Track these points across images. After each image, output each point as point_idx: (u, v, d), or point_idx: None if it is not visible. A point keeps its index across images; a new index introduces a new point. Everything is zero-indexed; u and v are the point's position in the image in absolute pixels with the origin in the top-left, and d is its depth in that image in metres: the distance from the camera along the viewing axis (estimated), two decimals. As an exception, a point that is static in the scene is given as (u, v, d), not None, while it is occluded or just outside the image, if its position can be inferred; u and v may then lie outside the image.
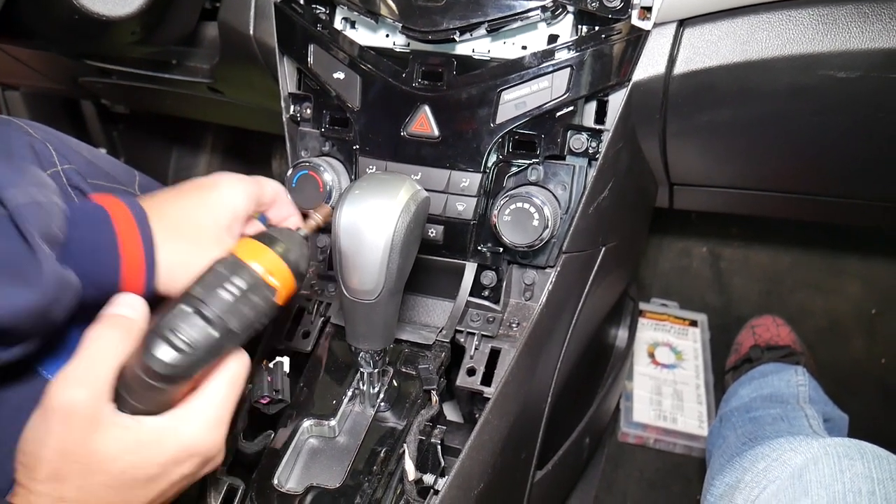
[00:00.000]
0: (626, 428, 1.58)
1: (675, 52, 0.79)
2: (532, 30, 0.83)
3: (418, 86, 0.84)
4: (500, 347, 0.84)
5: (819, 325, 1.77)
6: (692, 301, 1.85)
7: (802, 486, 0.78)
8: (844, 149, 0.93)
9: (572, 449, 1.11)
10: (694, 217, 1.94)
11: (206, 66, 1.20)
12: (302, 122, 0.94)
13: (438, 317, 0.89)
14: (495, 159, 0.84)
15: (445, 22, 0.80)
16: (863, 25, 0.74)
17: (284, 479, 0.73)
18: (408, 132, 0.85)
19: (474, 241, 0.87)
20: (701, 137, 0.92)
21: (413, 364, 0.83)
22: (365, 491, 0.70)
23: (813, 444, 0.82)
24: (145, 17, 0.95)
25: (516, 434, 0.83)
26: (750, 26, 0.77)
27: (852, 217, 1.29)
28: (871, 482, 0.74)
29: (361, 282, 0.67)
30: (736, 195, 1.14)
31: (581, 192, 0.84)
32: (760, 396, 1.24)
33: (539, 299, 0.86)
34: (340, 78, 0.87)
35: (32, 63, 1.44)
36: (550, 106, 0.80)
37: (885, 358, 1.71)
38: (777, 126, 0.89)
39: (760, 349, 1.55)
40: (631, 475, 1.55)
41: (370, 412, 0.79)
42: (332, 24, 0.89)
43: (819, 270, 1.84)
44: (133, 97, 1.58)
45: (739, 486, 0.89)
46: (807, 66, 0.77)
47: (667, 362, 1.70)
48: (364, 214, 0.65)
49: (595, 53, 0.79)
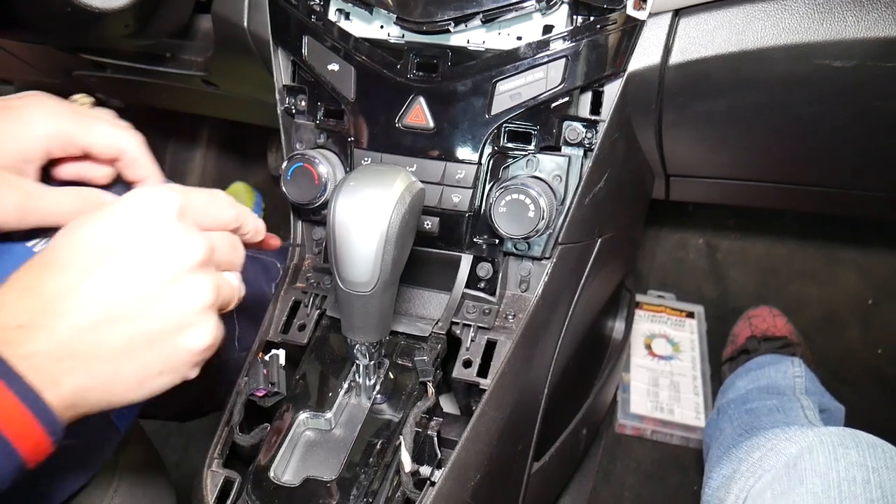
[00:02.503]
0: (624, 419, 1.58)
1: (670, 42, 0.79)
2: (527, 20, 0.83)
3: (413, 77, 0.84)
4: (497, 339, 0.84)
5: (815, 315, 1.77)
6: (689, 292, 1.86)
7: (798, 474, 0.78)
8: (840, 138, 0.93)
9: (569, 440, 1.11)
10: (690, 208, 1.94)
11: (200, 59, 1.20)
12: (297, 115, 0.93)
13: (434, 309, 0.89)
14: (491, 150, 0.84)
15: (440, 13, 0.79)
16: (858, 14, 0.73)
17: (281, 471, 0.73)
18: (403, 124, 0.85)
19: (470, 232, 0.87)
20: (697, 128, 0.92)
21: (409, 356, 0.83)
22: (361, 483, 0.70)
23: (808, 433, 0.83)
24: (138, 10, 0.94)
25: (513, 425, 0.83)
26: (745, 16, 0.77)
27: (848, 207, 1.29)
28: (866, 470, 0.75)
29: (357, 274, 0.66)
30: (732, 186, 1.14)
31: (577, 183, 0.84)
32: (757, 388, 1.25)
33: (535, 291, 0.86)
34: (335, 70, 0.87)
35: (26, 57, 1.43)
36: (546, 97, 0.80)
37: (881, 348, 1.72)
38: (773, 116, 0.89)
39: (757, 340, 1.55)
40: (628, 466, 1.55)
41: (366, 404, 0.79)
42: (327, 16, 0.89)
43: (815, 261, 1.85)
44: (127, 91, 1.57)
45: (735, 477, 0.89)
46: (802, 56, 0.77)
47: (664, 354, 1.71)
48: (359, 206, 0.65)
49: (590, 44, 0.78)
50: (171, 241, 0.52)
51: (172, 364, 0.52)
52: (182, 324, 0.52)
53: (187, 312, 0.52)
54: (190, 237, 0.53)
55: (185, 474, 1.57)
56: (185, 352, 0.53)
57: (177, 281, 0.51)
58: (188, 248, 0.52)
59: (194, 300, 0.52)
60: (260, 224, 0.67)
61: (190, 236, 0.53)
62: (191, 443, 1.72)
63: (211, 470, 0.78)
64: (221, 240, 0.58)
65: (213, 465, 0.78)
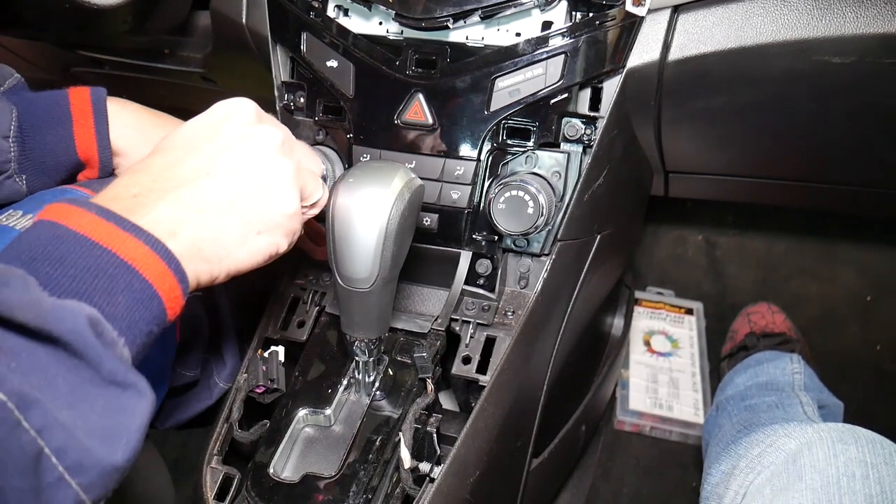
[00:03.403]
0: (623, 416, 1.58)
1: (669, 38, 0.79)
2: (526, 16, 0.83)
3: (412, 73, 0.84)
4: (496, 336, 0.84)
5: (814, 312, 1.77)
6: (688, 289, 1.86)
7: (797, 470, 0.78)
8: (839, 135, 0.93)
9: (568, 437, 1.11)
10: (689, 205, 1.94)
11: (198, 56, 1.20)
12: (295, 111, 0.93)
13: (433, 305, 0.89)
14: (490, 147, 0.84)
15: (439, 9, 0.79)
16: (857, 10, 0.73)
17: (280, 468, 0.73)
18: (402, 120, 0.84)
19: (469, 229, 0.87)
20: (696, 124, 0.92)
21: (408, 353, 0.83)
22: (361, 479, 0.71)
23: (807, 429, 0.83)
24: (137, 6, 0.94)
25: (512, 422, 0.83)
26: (745, 12, 0.77)
27: (847, 204, 1.29)
28: (865, 466, 0.75)
29: (356, 270, 0.66)
30: (731, 183, 1.14)
31: (576, 179, 0.84)
32: (756, 384, 1.25)
33: (534, 287, 0.86)
34: (334, 66, 0.87)
35: (23, 53, 1.43)
36: (545, 93, 0.80)
37: (879, 344, 1.72)
38: (772, 112, 0.89)
39: (756, 336, 1.55)
40: (627, 463, 1.55)
41: (365, 401, 0.79)
42: (325, 12, 0.89)
43: (814, 258, 1.85)
44: (126, 87, 1.56)
45: (735, 473, 0.89)
46: (801, 52, 0.77)
47: (663, 350, 1.71)
48: (358, 202, 0.65)
49: (589, 40, 0.78)
50: (255, 127, 0.63)
51: (267, 223, 0.61)
52: (272, 188, 0.61)
53: (275, 179, 0.61)
54: (270, 126, 0.63)
55: (184, 471, 1.57)
56: (278, 213, 0.61)
57: (265, 156, 0.61)
58: (270, 132, 0.63)
59: (280, 172, 0.62)
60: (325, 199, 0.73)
61: (270, 126, 0.63)
62: (190, 439, 1.72)
63: (210, 466, 0.78)
64: (305, 156, 0.70)
65: (212, 462, 0.78)
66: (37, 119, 0.75)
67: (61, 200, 0.51)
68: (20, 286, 0.43)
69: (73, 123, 0.76)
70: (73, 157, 0.77)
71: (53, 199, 0.70)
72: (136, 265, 0.49)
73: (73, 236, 0.48)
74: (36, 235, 0.49)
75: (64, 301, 0.45)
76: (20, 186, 0.76)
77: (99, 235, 0.49)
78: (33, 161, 0.75)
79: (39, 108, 0.76)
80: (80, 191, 0.74)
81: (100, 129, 0.76)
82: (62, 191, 0.76)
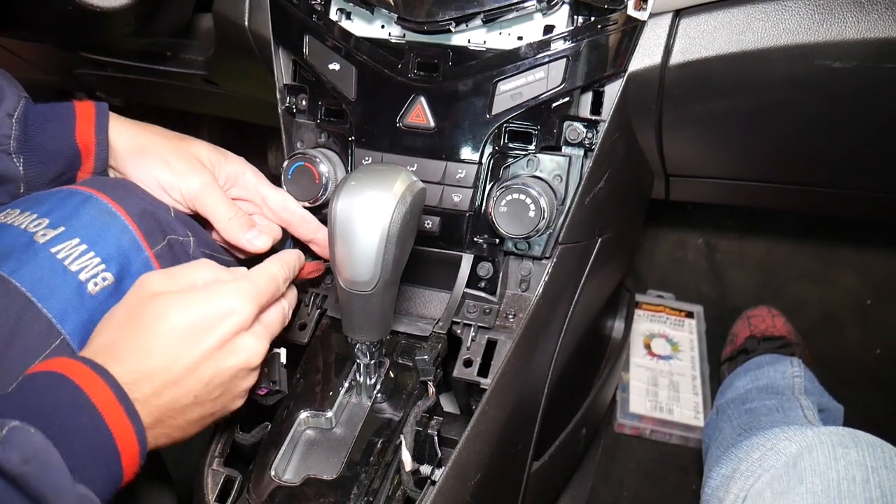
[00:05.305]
0: (623, 419, 1.58)
1: (671, 42, 0.79)
2: (528, 20, 0.83)
3: (414, 77, 0.84)
4: (497, 338, 0.84)
5: (814, 315, 1.77)
6: (688, 292, 1.86)
7: (797, 474, 0.78)
8: (840, 139, 0.93)
9: (569, 440, 1.11)
10: (690, 208, 1.94)
11: (201, 58, 1.20)
12: (297, 114, 0.94)
13: (435, 308, 0.90)
14: (491, 150, 0.84)
15: (441, 12, 0.79)
16: (858, 15, 0.74)
17: (281, 470, 0.73)
18: (403, 123, 0.85)
19: (471, 232, 0.87)
20: (697, 128, 0.92)
21: (410, 355, 0.83)
22: (362, 482, 0.71)
23: (807, 432, 0.83)
24: (140, 8, 0.94)
25: (513, 425, 0.83)
26: (746, 16, 0.77)
27: (847, 208, 1.30)
28: (866, 470, 0.75)
29: (358, 273, 0.67)
30: (732, 186, 1.14)
31: (577, 182, 0.84)
32: (756, 388, 1.25)
33: (535, 290, 0.86)
34: (336, 69, 0.87)
35: (27, 55, 1.43)
36: (546, 97, 0.80)
37: (879, 348, 1.72)
38: (773, 116, 0.89)
39: (756, 340, 1.55)
40: (627, 466, 1.55)
41: (367, 403, 0.79)
42: (328, 15, 0.89)
43: (814, 261, 1.85)
44: (128, 89, 1.57)
45: (735, 476, 0.89)
46: (802, 57, 0.77)
47: (663, 353, 1.71)
48: (360, 206, 0.65)
49: (591, 44, 0.78)
50: (244, 339, 0.67)
51: (226, 409, 0.71)
52: (241, 392, 0.70)
53: (246, 384, 0.70)
54: (253, 340, 0.68)
55: (185, 473, 1.57)
56: (239, 400, 0.71)
57: (245, 369, 0.69)
58: (254, 347, 0.68)
59: (251, 379, 0.71)
60: (300, 266, 0.80)
61: (253, 339, 0.68)
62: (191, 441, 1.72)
63: (212, 469, 0.78)
64: (272, 313, 0.73)
65: (213, 464, 0.78)
66: (42, 109, 0.79)
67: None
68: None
69: (76, 117, 0.80)
70: (72, 144, 0.78)
71: (53, 199, 0.72)
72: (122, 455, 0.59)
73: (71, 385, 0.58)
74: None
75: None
76: (16, 168, 0.76)
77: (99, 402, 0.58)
78: (33, 145, 0.77)
79: (45, 105, 0.80)
80: (80, 190, 0.75)
81: (100, 121, 0.80)
82: (61, 191, 0.76)
